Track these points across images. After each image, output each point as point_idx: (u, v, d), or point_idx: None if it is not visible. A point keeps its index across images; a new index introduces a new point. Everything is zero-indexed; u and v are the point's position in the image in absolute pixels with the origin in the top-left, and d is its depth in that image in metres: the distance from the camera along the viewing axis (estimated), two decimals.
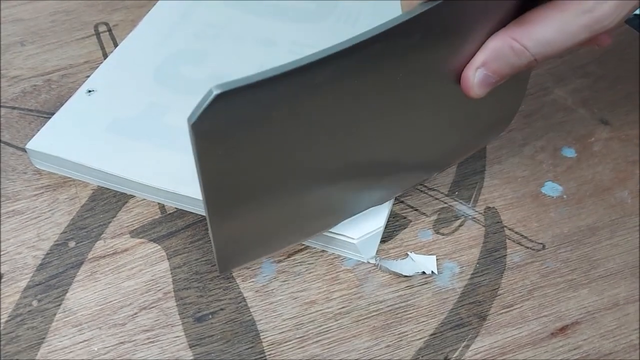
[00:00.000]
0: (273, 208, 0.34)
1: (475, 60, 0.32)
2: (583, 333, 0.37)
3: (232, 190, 0.31)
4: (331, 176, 0.35)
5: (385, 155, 0.36)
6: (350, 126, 0.32)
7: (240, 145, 0.28)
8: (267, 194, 0.33)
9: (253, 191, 0.32)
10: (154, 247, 0.40)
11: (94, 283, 0.39)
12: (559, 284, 0.39)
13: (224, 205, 0.32)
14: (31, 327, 0.37)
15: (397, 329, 0.37)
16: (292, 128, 0.30)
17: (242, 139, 0.28)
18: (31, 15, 0.55)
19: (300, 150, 0.32)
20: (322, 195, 0.36)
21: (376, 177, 0.38)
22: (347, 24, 0.52)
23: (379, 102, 0.32)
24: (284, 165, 0.32)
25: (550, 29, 0.30)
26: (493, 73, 0.32)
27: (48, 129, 0.44)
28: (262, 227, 0.35)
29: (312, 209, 0.37)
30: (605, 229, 0.42)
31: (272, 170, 0.32)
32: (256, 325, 0.37)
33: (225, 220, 0.33)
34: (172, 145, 0.43)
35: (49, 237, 0.41)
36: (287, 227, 0.37)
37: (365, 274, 0.39)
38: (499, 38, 0.31)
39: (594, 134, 0.47)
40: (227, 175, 0.30)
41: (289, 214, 0.36)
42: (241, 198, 0.32)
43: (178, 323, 0.37)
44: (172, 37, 0.51)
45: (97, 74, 0.48)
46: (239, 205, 0.32)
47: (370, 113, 0.32)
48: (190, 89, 0.47)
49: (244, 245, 0.36)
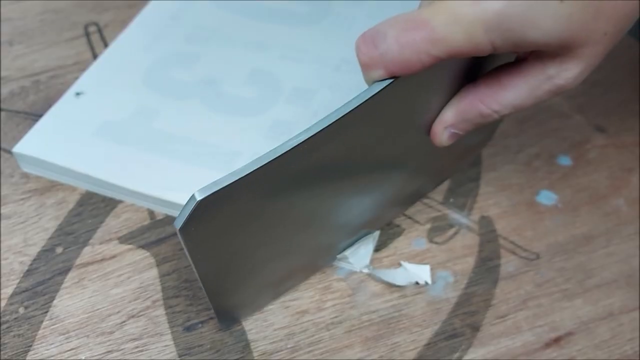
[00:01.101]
0: (265, 274, 0.36)
1: (444, 119, 0.33)
2: (577, 343, 0.37)
3: (224, 271, 0.33)
4: (317, 235, 0.37)
5: (366, 204, 0.37)
6: (331, 192, 0.34)
7: (227, 236, 0.30)
8: (258, 266, 0.35)
9: (244, 267, 0.34)
10: (142, 253, 0.40)
11: (81, 290, 0.38)
12: (553, 293, 0.39)
13: (219, 285, 0.34)
14: (17, 334, 0.36)
15: (390, 340, 0.37)
16: (275, 210, 0.31)
17: (228, 231, 0.30)
18: (19, 15, 0.54)
19: (286, 225, 0.33)
20: (310, 250, 0.38)
21: (360, 222, 0.39)
22: (341, 28, 0.52)
23: (356, 163, 0.33)
24: (270, 241, 0.34)
25: (516, 94, 0.31)
26: (460, 130, 0.33)
27: (35, 132, 0.43)
28: (258, 289, 0.37)
29: (302, 262, 0.38)
30: (601, 238, 0.42)
31: (260, 247, 0.33)
32: (246, 335, 0.37)
33: (222, 294, 0.35)
34: (161, 151, 0.42)
35: (36, 242, 0.40)
36: (282, 282, 0.38)
37: (358, 283, 0.39)
38: (468, 100, 0.32)
39: (589, 141, 0.46)
40: (215, 259, 0.32)
41: (281, 273, 0.37)
42: (234, 274, 0.34)
43: (167, 332, 0.37)
44: (163, 39, 0.50)
45: (85, 76, 0.47)
46: (234, 280, 0.34)
47: (348, 174, 0.33)
48: (181, 93, 0.46)
49: (243, 306, 0.37)
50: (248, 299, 0.37)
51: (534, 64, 0.30)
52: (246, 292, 0.36)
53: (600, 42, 0.29)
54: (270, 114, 0.45)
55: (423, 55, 0.27)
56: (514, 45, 0.28)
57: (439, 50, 0.27)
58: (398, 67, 0.28)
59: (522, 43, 0.28)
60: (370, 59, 0.28)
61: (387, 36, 0.28)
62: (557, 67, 0.30)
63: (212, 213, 0.28)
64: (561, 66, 0.29)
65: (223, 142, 0.43)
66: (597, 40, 0.28)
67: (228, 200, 0.28)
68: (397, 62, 0.28)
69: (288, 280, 0.38)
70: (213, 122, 0.44)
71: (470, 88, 0.32)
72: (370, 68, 0.28)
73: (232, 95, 0.46)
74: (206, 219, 0.28)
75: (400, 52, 0.27)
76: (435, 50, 0.27)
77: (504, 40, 0.27)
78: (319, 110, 0.45)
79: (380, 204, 0.39)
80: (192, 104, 0.46)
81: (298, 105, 0.46)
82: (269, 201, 0.30)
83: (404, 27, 0.28)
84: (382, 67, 0.28)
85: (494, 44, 0.27)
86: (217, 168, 0.41)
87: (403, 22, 0.28)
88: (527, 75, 0.30)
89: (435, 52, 0.27)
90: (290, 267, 0.37)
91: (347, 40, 0.50)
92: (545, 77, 0.30)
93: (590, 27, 0.28)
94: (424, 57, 0.27)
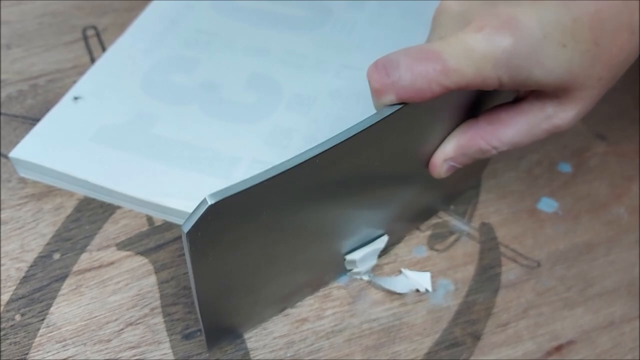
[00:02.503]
0: (269, 290, 0.35)
1: (443, 152, 0.34)
2: (579, 353, 0.37)
3: (225, 284, 0.32)
4: (325, 250, 0.37)
5: (375, 220, 0.37)
6: (341, 206, 0.34)
7: (233, 246, 0.30)
8: (262, 282, 0.34)
9: (246, 281, 0.33)
10: (141, 260, 0.39)
11: (79, 297, 0.38)
12: (554, 302, 0.39)
13: (216, 298, 0.33)
14: (14, 342, 0.36)
15: (391, 348, 0.36)
16: (285, 223, 0.31)
17: (235, 241, 0.30)
18: (18, 18, 0.54)
19: (294, 239, 0.33)
20: (317, 265, 0.37)
21: (369, 238, 0.39)
22: (342, 33, 0.51)
23: (364, 181, 0.33)
24: (277, 256, 0.33)
25: (515, 132, 0.32)
26: (459, 164, 0.34)
27: (32, 136, 0.43)
28: (260, 305, 0.36)
29: (308, 277, 0.38)
30: (602, 246, 0.41)
31: (266, 262, 0.33)
32: (246, 344, 0.36)
33: (217, 309, 0.34)
34: (160, 156, 0.42)
35: (33, 248, 0.40)
36: (285, 298, 0.38)
37: (358, 291, 0.39)
38: (469, 136, 0.33)
39: (590, 148, 0.46)
40: (218, 272, 0.31)
41: (285, 289, 0.37)
42: (235, 289, 0.33)
43: (165, 340, 0.36)
44: (162, 43, 0.50)
45: (84, 80, 0.47)
46: (234, 295, 0.34)
47: (356, 191, 0.34)
48: (180, 98, 0.46)
49: (241, 322, 0.37)
50: (248, 314, 0.36)
51: (533, 103, 0.32)
52: (246, 308, 0.35)
53: (596, 86, 0.30)
54: (270, 120, 0.45)
55: (434, 84, 0.29)
56: (519, 83, 0.29)
57: (450, 81, 0.29)
58: (409, 94, 0.29)
59: (527, 81, 0.29)
60: (383, 85, 0.29)
61: (400, 65, 0.29)
62: (555, 107, 0.31)
63: (222, 220, 0.27)
64: (559, 107, 0.31)
65: (222, 148, 0.43)
66: (593, 85, 0.30)
67: (239, 207, 0.27)
68: (409, 89, 0.29)
69: (292, 296, 0.38)
70: (212, 128, 0.44)
71: (471, 124, 0.33)
72: (381, 94, 0.29)
73: (231, 101, 0.46)
74: (215, 225, 0.27)
75: (413, 81, 0.29)
76: (446, 81, 0.29)
77: (510, 77, 0.29)
78: (319, 116, 0.45)
79: (389, 220, 0.38)
80: (191, 109, 0.45)
81: (298, 111, 0.45)
82: (279, 213, 0.30)
83: (417, 57, 0.29)
84: (394, 93, 0.29)
85: (501, 79, 0.29)
86: (217, 174, 0.41)
87: (416, 53, 0.29)
88: (526, 113, 0.32)
89: (446, 82, 0.29)
90: (295, 283, 0.37)
91: (347, 47, 0.50)
92: (544, 116, 0.32)
93: (587, 72, 0.29)
94: (435, 87, 0.29)
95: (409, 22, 0.52)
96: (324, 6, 0.53)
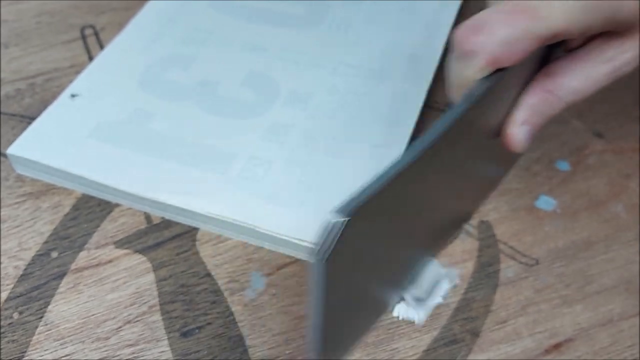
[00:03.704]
0: (373, 301, 0.34)
1: (517, 119, 0.33)
2: (577, 350, 0.37)
3: (345, 307, 0.29)
4: (419, 241, 0.36)
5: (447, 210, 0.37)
6: (435, 196, 0.33)
7: (359, 261, 0.27)
8: (372, 294, 0.33)
9: (364, 296, 0.31)
10: (139, 258, 0.39)
11: (77, 295, 0.38)
12: (553, 299, 0.39)
13: (339, 324, 0.30)
14: (12, 340, 0.36)
15: (390, 345, 0.36)
16: (399, 224, 0.29)
17: (360, 256, 0.26)
18: (15, 17, 0.54)
19: (403, 245, 0.32)
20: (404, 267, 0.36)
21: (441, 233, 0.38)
22: (339, 30, 0.51)
23: (451, 168, 0.32)
24: (393, 257, 0.32)
25: (577, 79, 0.32)
26: (534, 127, 0.34)
27: (29, 133, 0.43)
28: (358, 324, 0.34)
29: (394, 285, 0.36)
30: (600, 244, 0.41)
31: (382, 268, 0.31)
32: (244, 341, 0.36)
33: (338, 335, 0.30)
34: (158, 153, 0.42)
35: (30, 246, 0.40)
36: (377, 312, 0.36)
37: None
38: (535, 94, 0.33)
39: (588, 146, 0.46)
40: (344, 294, 0.27)
41: (381, 300, 0.35)
42: (349, 307, 0.30)
43: (164, 338, 0.36)
44: (160, 41, 0.50)
45: (81, 78, 0.47)
46: (345, 313, 0.30)
47: (445, 180, 0.33)
48: (177, 94, 0.46)
49: (342, 344, 0.34)
50: (346, 336, 0.33)
51: (591, 50, 0.32)
52: (348, 327, 0.32)
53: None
54: (267, 117, 0.45)
55: (528, 38, 0.29)
56: (604, 24, 0.30)
57: (544, 30, 0.29)
58: (502, 52, 0.29)
59: (611, 21, 0.30)
60: (474, 45, 0.29)
61: (491, 22, 0.29)
62: (615, 49, 0.32)
63: (355, 234, 0.23)
64: (619, 48, 0.32)
65: (219, 144, 0.43)
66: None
67: (370, 215, 0.24)
68: (503, 45, 0.28)
69: (380, 308, 0.36)
70: (209, 124, 0.44)
71: (535, 84, 0.33)
72: (471, 55, 0.29)
73: (228, 98, 0.46)
74: (348, 243, 0.23)
75: (506, 36, 0.28)
76: (539, 30, 0.28)
77: (598, 19, 0.29)
78: (316, 113, 0.45)
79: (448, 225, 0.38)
80: (189, 105, 0.45)
81: (295, 107, 0.45)
82: (395, 213, 0.27)
83: (509, 11, 0.29)
84: (486, 53, 0.28)
85: (589, 24, 0.29)
86: (214, 170, 0.41)
87: (507, 8, 0.29)
88: (586, 60, 0.32)
89: (540, 32, 0.29)
90: (386, 295, 0.35)
91: (344, 44, 0.50)
92: (603, 59, 0.32)
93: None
94: (528, 41, 0.29)
95: (405, 20, 0.53)
96: (321, 4, 0.53)
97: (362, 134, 0.44)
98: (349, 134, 0.44)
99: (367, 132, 0.44)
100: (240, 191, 0.40)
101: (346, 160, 0.42)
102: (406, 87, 0.47)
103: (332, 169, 0.42)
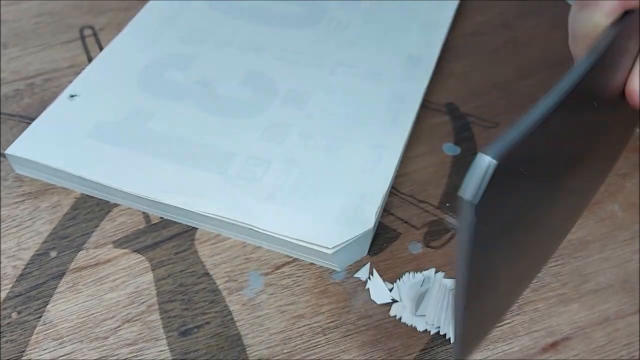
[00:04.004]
0: (516, 272, 0.30)
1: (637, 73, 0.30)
2: (574, 348, 0.37)
3: (490, 270, 0.26)
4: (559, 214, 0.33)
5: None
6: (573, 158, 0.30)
7: (509, 219, 0.24)
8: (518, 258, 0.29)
9: (506, 262, 0.27)
10: (137, 257, 0.40)
11: (75, 295, 0.38)
12: (549, 298, 0.39)
13: (478, 293, 0.26)
14: (10, 340, 0.36)
15: (387, 344, 0.36)
16: (549, 170, 0.26)
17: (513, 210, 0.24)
18: (14, 17, 0.54)
19: (551, 194, 0.28)
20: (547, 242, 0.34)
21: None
22: (337, 31, 0.52)
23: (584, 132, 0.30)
24: (541, 217, 0.28)
25: None
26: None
27: (28, 133, 0.43)
28: (499, 300, 0.31)
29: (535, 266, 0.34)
30: (596, 243, 0.41)
31: (530, 226, 0.28)
32: (242, 340, 0.36)
33: (474, 309, 0.27)
34: (156, 152, 0.42)
35: (29, 246, 0.40)
36: (517, 290, 0.34)
37: (354, 287, 0.39)
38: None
39: None
40: (491, 251, 0.24)
41: (524, 274, 0.32)
42: (494, 274, 0.27)
43: (162, 337, 0.36)
44: (158, 41, 0.50)
45: (80, 78, 0.47)
46: (490, 284, 0.27)
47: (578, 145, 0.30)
48: (176, 94, 0.46)
49: (483, 325, 0.31)
50: (487, 316, 0.30)
51: None
52: (489, 303, 0.29)
53: None
54: (265, 116, 0.45)
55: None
56: None
57: None
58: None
59: None
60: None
61: None
62: None
63: (508, 181, 0.21)
64: None
65: (218, 144, 0.43)
66: None
67: (523, 160, 0.21)
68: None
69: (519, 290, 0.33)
70: (208, 124, 0.44)
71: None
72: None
73: (227, 97, 0.46)
74: (499, 190, 0.20)
75: None
76: None
77: None
78: (314, 112, 0.45)
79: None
80: (187, 105, 0.45)
81: (293, 107, 0.46)
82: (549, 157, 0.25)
83: None
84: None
85: None
86: (212, 170, 0.41)
87: None
88: None
89: None
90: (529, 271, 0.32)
91: (342, 44, 0.51)
92: None
93: None
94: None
95: (403, 19, 0.53)
96: (320, 4, 0.54)
97: (360, 133, 0.44)
98: (347, 134, 0.44)
99: (365, 132, 0.44)
100: (238, 191, 0.40)
101: (344, 159, 0.42)
102: (404, 87, 0.47)
103: (330, 169, 0.42)
